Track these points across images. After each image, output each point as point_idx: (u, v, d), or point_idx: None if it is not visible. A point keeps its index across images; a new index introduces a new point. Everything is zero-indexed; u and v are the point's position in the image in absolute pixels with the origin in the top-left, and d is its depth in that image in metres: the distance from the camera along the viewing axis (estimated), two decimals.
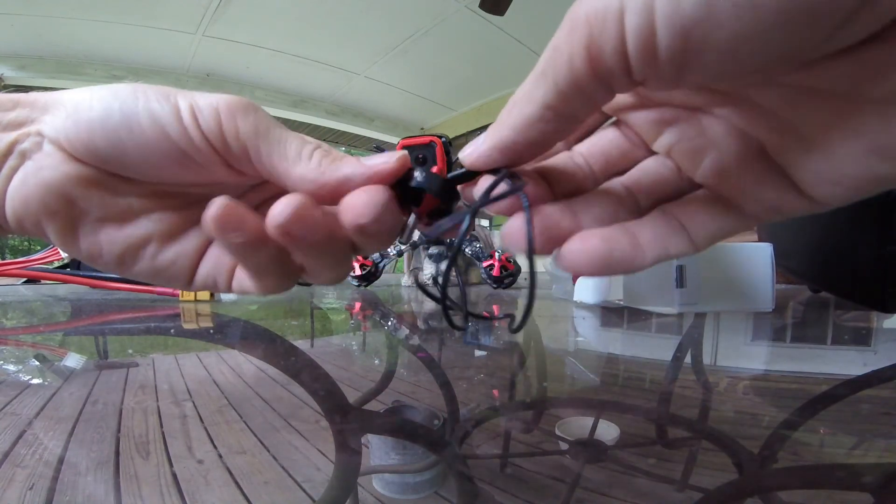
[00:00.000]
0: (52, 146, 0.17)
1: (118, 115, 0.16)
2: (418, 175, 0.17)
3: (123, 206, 0.18)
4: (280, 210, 0.15)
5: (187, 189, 0.19)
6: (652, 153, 0.17)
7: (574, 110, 0.13)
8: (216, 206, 0.14)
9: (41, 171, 0.17)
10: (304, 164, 0.17)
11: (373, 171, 0.17)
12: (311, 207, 0.15)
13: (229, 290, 0.19)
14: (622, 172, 0.18)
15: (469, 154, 0.16)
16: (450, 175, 0.17)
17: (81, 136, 0.16)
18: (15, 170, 0.17)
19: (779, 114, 0.13)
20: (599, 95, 0.13)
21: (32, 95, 0.18)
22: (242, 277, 0.19)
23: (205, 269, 0.19)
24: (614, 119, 0.18)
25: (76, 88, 0.18)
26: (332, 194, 0.17)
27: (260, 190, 0.20)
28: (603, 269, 0.15)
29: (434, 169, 0.17)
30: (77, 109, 0.17)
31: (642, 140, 0.17)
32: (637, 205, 0.17)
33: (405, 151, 0.17)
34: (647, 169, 0.17)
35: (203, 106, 0.16)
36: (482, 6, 2.49)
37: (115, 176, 0.18)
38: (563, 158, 0.18)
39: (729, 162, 0.15)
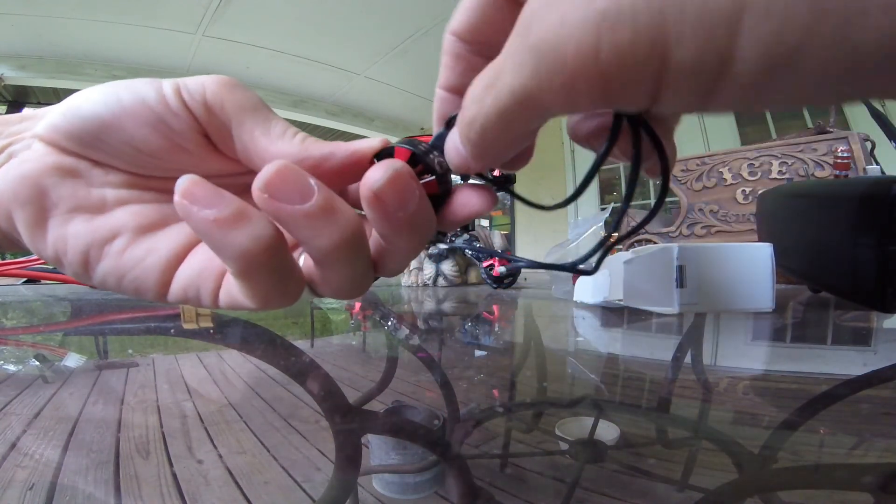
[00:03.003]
0: (40, 143, 0.17)
1: (99, 95, 0.16)
2: (434, 156, 0.16)
3: (97, 197, 0.17)
4: (265, 170, 0.13)
5: (169, 184, 0.19)
6: None
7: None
8: (183, 177, 0.13)
9: (22, 164, 0.17)
10: (286, 141, 0.16)
11: (354, 148, 0.16)
12: (298, 169, 0.13)
13: (216, 303, 0.17)
14: None
15: (456, 164, 0.15)
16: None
17: (65, 121, 0.17)
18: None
19: None
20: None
21: (41, 110, 0.18)
22: (233, 287, 0.16)
23: (184, 277, 0.17)
24: None
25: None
26: (312, 171, 0.15)
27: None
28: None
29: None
30: (65, 103, 0.17)
31: None
32: None
33: (384, 137, 0.17)
34: None
35: (190, 82, 0.17)
36: None
37: (94, 165, 0.18)
38: None
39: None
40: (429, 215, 0.15)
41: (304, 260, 0.17)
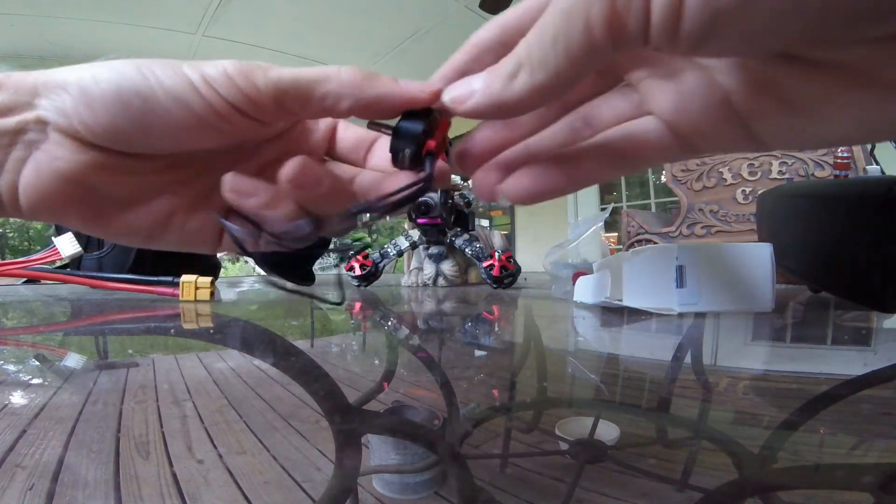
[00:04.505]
0: (59, 134, 0.17)
1: (136, 99, 0.16)
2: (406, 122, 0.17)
3: (143, 185, 0.18)
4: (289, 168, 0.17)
5: (205, 155, 0.19)
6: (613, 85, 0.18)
7: (581, 75, 0.13)
8: (293, 164, 0.17)
9: (55, 161, 0.17)
10: (334, 80, 0.17)
11: (407, 97, 0.17)
12: (315, 166, 0.17)
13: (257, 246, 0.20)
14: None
15: (460, 100, 0.16)
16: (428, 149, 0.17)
17: (101, 121, 0.16)
18: (22, 161, 0.17)
19: (765, 76, 0.13)
20: (608, 57, 0.13)
21: (12, 77, 0.17)
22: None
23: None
24: None
25: (64, 68, 0.17)
26: (366, 109, 0.17)
27: (269, 149, 0.20)
28: (534, 200, 0.17)
29: (432, 142, 0.17)
30: (85, 93, 0.16)
31: (617, 73, 0.18)
32: (591, 131, 0.18)
33: (439, 86, 0.17)
34: (611, 101, 0.17)
35: (213, 75, 0.17)
36: (482, 6, 2.50)
37: (130, 156, 0.17)
38: None
39: (692, 103, 0.15)
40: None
41: None
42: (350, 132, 0.21)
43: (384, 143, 0.19)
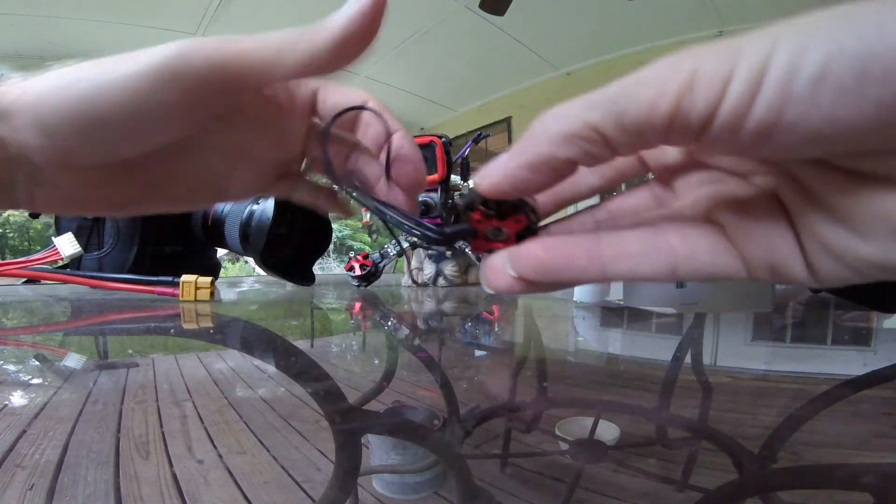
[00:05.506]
0: (63, 172, 0.16)
1: (81, 118, 0.15)
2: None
3: (164, 170, 0.18)
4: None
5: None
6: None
7: (619, 147, 0.13)
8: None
9: (61, 186, 0.17)
10: (286, 59, 0.16)
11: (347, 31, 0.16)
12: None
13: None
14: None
15: (491, 176, 0.14)
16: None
17: (59, 145, 0.16)
18: (33, 182, 0.17)
19: (811, 181, 0.13)
20: (651, 142, 0.12)
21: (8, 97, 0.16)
22: None
23: None
24: None
25: (31, 82, 0.16)
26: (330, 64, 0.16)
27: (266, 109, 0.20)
28: (543, 276, 0.15)
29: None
30: (37, 123, 0.15)
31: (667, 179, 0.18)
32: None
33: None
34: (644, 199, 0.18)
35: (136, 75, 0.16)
36: (482, 6, 2.49)
37: (132, 160, 0.17)
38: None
39: (745, 210, 0.14)
40: None
41: None
42: (334, 95, 0.20)
43: (370, 116, 0.20)
